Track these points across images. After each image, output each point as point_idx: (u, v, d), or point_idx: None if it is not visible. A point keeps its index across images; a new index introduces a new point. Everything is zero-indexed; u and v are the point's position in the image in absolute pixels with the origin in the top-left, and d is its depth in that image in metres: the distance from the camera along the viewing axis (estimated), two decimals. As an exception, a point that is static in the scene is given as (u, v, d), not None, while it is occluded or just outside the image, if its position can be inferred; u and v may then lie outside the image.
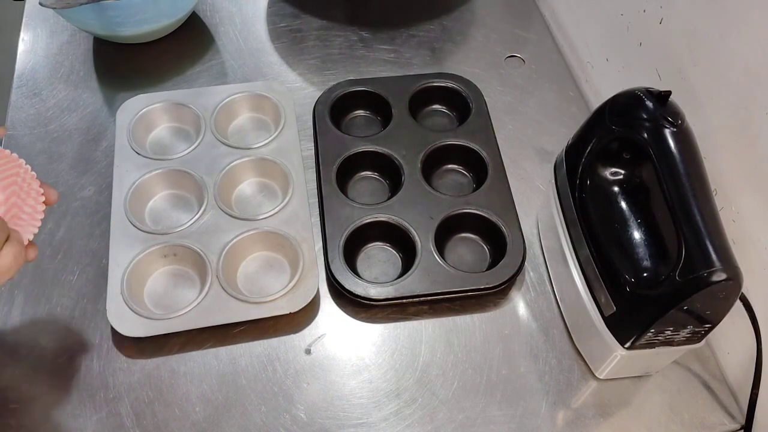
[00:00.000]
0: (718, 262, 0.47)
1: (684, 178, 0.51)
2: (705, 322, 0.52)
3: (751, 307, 0.55)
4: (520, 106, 0.82)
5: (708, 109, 0.60)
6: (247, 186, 0.73)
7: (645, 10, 0.69)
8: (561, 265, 0.63)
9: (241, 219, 0.67)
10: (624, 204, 0.57)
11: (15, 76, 0.82)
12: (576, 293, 0.60)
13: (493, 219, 0.68)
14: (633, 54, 0.73)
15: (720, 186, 0.59)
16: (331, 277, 0.64)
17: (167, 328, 0.60)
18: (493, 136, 0.75)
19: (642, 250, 0.54)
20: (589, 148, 0.58)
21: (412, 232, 0.66)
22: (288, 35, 0.89)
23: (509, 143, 0.77)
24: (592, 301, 0.58)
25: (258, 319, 0.62)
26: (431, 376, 0.62)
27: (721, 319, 0.52)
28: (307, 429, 0.59)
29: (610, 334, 0.56)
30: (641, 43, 0.71)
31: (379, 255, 0.69)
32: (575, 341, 0.64)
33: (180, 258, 0.66)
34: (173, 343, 0.62)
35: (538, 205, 0.72)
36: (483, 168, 0.72)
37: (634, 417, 0.61)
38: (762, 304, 0.56)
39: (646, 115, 0.54)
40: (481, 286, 0.64)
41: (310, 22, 0.90)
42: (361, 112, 0.80)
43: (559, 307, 0.66)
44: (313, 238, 0.66)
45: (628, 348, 0.55)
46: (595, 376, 0.62)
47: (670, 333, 0.53)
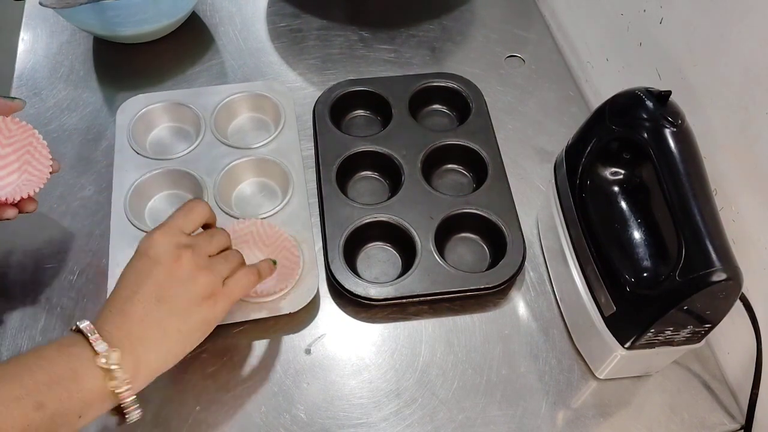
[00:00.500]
0: (718, 262, 0.47)
1: (684, 178, 0.51)
2: (705, 322, 0.52)
3: (751, 307, 0.55)
4: (520, 106, 0.82)
5: (708, 109, 0.60)
6: (247, 186, 0.73)
7: (645, 10, 0.69)
8: (561, 265, 0.63)
9: (239, 219, 0.67)
10: (624, 204, 0.57)
11: (15, 76, 0.82)
12: (576, 293, 0.60)
13: (493, 219, 0.68)
14: (633, 54, 0.73)
15: (720, 186, 0.59)
16: (331, 277, 0.64)
17: None
18: (493, 136, 0.75)
19: (642, 250, 0.54)
20: (589, 148, 0.58)
21: (412, 232, 0.66)
22: (288, 35, 0.89)
23: (509, 143, 0.77)
24: (592, 301, 0.58)
25: (258, 319, 0.62)
26: (431, 376, 0.62)
27: (721, 319, 0.52)
28: (307, 429, 0.59)
29: (610, 334, 0.56)
30: (641, 43, 0.71)
31: (379, 255, 0.69)
32: (575, 341, 0.64)
33: (180, 258, 0.65)
34: (173, 343, 0.62)
35: (538, 205, 0.72)
36: (483, 168, 0.72)
37: (634, 417, 0.61)
38: (762, 304, 0.56)
39: (646, 115, 0.54)
40: (481, 286, 0.64)
41: (310, 22, 0.90)
42: (361, 112, 0.80)
43: (559, 307, 0.66)
44: (313, 238, 0.66)
45: (628, 348, 0.55)
46: (595, 376, 0.62)
47: (670, 333, 0.53)
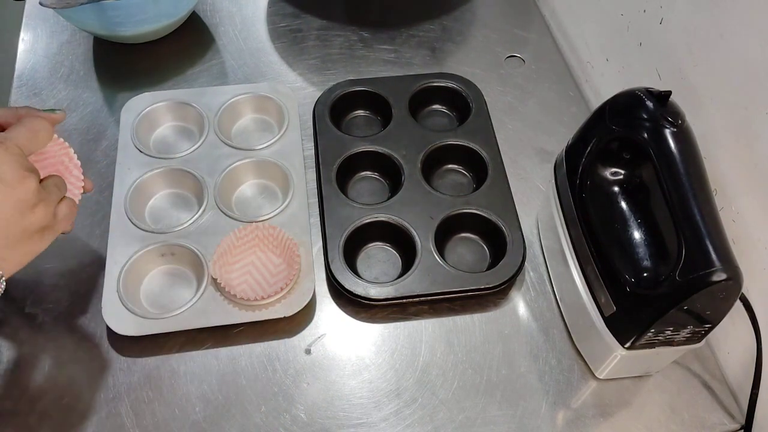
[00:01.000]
0: (718, 262, 0.47)
1: (684, 178, 0.51)
2: (705, 322, 0.52)
3: (751, 307, 0.55)
4: (520, 106, 0.82)
5: (708, 109, 0.60)
6: (248, 187, 0.73)
7: (645, 10, 0.69)
8: (561, 265, 0.63)
9: (240, 221, 0.67)
10: (624, 204, 0.57)
11: (15, 76, 0.82)
12: (576, 293, 0.60)
13: (493, 219, 0.68)
14: (633, 54, 0.73)
15: (720, 186, 0.59)
16: (331, 277, 0.64)
17: (161, 328, 0.60)
18: (493, 136, 0.75)
19: (642, 250, 0.54)
20: (589, 148, 0.58)
21: (412, 232, 0.66)
22: (288, 35, 0.89)
23: (509, 143, 0.77)
24: (592, 301, 0.58)
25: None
26: (431, 376, 0.62)
27: (721, 319, 0.52)
28: (307, 429, 0.59)
29: (610, 334, 0.56)
30: (641, 43, 0.71)
31: (379, 255, 0.69)
32: (575, 341, 0.64)
33: (178, 258, 0.66)
34: (173, 343, 0.62)
35: (538, 205, 0.72)
36: (483, 168, 0.72)
37: (634, 417, 0.61)
38: (762, 304, 0.56)
39: (646, 115, 0.54)
40: (481, 286, 0.64)
41: (310, 22, 0.90)
42: (361, 112, 0.80)
43: (559, 307, 0.66)
44: (311, 241, 0.66)
45: (628, 348, 0.55)
46: (595, 376, 0.62)
47: (670, 333, 0.53)
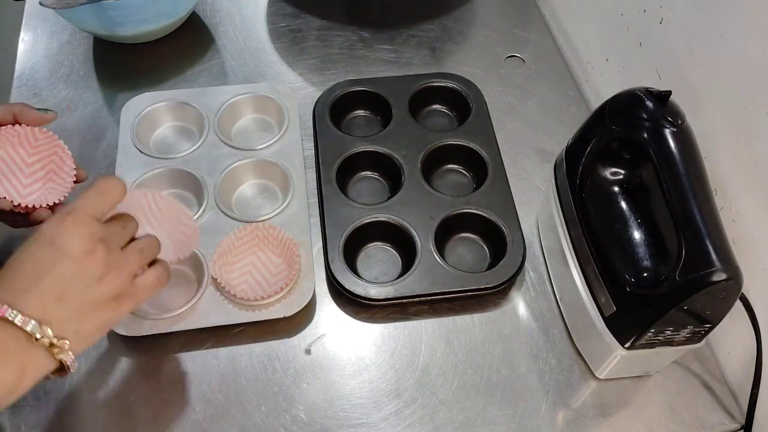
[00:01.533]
0: (718, 262, 0.47)
1: (684, 178, 0.51)
2: (705, 322, 0.52)
3: (751, 307, 0.55)
4: (520, 106, 0.82)
5: (708, 109, 0.60)
6: (248, 187, 0.73)
7: (645, 10, 0.69)
8: (561, 265, 0.63)
9: (240, 221, 0.67)
10: (624, 204, 0.57)
11: (15, 76, 0.82)
12: (576, 293, 0.60)
13: (493, 219, 0.68)
14: (633, 54, 0.73)
15: (720, 186, 0.59)
16: (331, 277, 0.64)
17: (161, 328, 0.60)
18: (493, 136, 0.75)
19: (642, 250, 0.54)
20: (589, 148, 0.58)
21: (412, 232, 0.66)
22: (288, 35, 0.89)
23: (509, 143, 0.77)
24: (592, 301, 0.58)
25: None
26: (431, 376, 0.62)
27: (721, 319, 0.52)
28: (307, 429, 0.59)
29: (610, 334, 0.56)
30: (641, 43, 0.71)
31: (379, 255, 0.69)
32: (575, 341, 0.64)
33: (178, 258, 0.66)
34: (173, 342, 0.62)
35: (538, 205, 0.72)
36: (483, 168, 0.72)
37: (634, 417, 0.61)
38: (762, 304, 0.56)
39: (646, 115, 0.54)
40: (481, 286, 0.64)
41: (310, 22, 0.90)
42: (361, 112, 0.80)
43: (559, 307, 0.66)
44: (311, 241, 0.66)
45: (628, 348, 0.55)
46: (595, 376, 0.62)
47: (670, 333, 0.53)
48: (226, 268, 0.64)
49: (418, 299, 0.64)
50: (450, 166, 0.75)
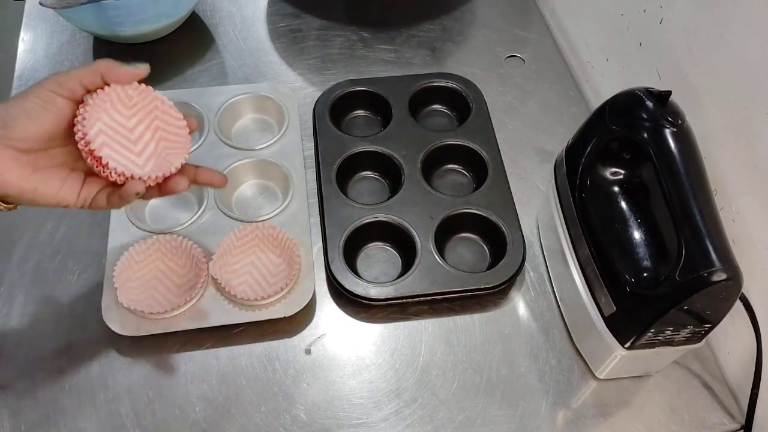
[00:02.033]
0: (718, 262, 0.47)
1: (684, 178, 0.51)
2: (705, 322, 0.52)
3: (751, 307, 0.55)
4: (520, 106, 0.82)
5: (708, 109, 0.60)
6: (248, 187, 0.73)
7: (645, 10, 0.69)
8: (561, 265, 0.63)
9: (240, 221, 0.67)
10: (624, 204, 0.57)
11: (15, 76, 0.82)
12: (576, 293, 0.60)
13: (493, 219, 0.68)
14: (633, 54, 0.73)
15: (720, 186, 0.59)
16: (331, 277, 0.64)
17: (161, 328, 0.60)
18: (493, 136, 0.75)
19: (642, 250, 0.54)
20: (589, 148, 0.58)
21: (412, 232, 0.66)
22: (288, 35, 0.89)
23: (509, 143, 0.78)
24: (592, 301, 0.58)
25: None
26: (431, 376, 0.62)
27: (721, 319, 0.52)
28: (307, 429, 0.59)
29: (610, 334, 0.56)
30: (641, 43, 0.71)
31: (379, 255, 0.69)
32: (575, 341, 0.64)
33: (179, 258, 0.66)
34: (173, 343, 0.62)
35: (538, 205, 0.73)
36: (483, 168, 0.72)
37: (634, 417, 0.61)
38: (762, 304, 0.56)
39: (646, 115, 0.54)
40: (481, 286, 0.64)
41: (310, 22, 0.90)
42: (361, 112, 0.80)
43: (559, 307, 0.66)
44: (311, 241, 0.66)
45: (628, 348, 0.55)
46: (595, 376, 0.62)
47: (670, 333, 0.53)
48: (226, 268, 0.64)
49: (418, 299, 0.64)
50: (450, 166, 0.75)
